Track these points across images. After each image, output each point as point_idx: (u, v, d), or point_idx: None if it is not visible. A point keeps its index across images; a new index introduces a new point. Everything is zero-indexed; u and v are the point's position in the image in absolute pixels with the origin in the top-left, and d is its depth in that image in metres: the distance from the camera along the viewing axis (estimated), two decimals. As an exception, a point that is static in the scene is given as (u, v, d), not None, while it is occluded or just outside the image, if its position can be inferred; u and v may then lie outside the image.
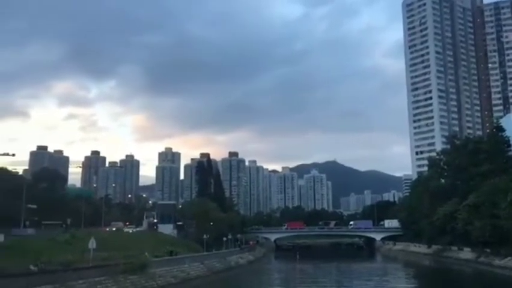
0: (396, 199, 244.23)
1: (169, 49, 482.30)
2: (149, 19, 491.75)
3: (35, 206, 79.36)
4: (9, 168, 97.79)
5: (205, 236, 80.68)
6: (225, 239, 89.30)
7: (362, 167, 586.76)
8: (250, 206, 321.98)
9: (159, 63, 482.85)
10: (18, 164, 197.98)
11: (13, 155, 72.75)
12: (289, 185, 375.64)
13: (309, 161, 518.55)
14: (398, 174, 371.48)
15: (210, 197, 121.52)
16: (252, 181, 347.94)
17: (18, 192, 71.14)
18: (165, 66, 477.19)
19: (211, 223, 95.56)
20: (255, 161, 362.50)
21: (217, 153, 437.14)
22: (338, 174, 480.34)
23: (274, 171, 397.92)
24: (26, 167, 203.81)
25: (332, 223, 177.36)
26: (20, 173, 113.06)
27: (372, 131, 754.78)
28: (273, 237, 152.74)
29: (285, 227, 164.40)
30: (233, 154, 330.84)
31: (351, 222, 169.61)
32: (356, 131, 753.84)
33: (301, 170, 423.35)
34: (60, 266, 40.00)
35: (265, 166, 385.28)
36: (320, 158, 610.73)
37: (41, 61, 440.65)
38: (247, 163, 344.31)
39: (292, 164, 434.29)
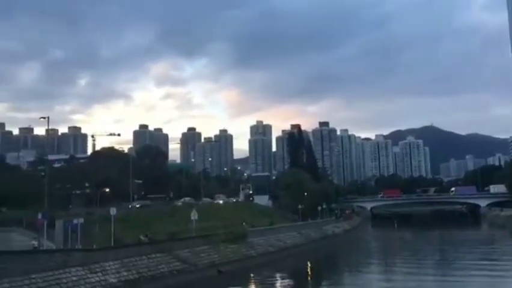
0: (502, 163, 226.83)
1: (255, 23, 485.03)
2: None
3: (140, 181, 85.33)
4: (116, 147, 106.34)
5: (299, 206, 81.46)
6: (319, 208, 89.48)
7: (462, 131, 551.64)
8: (343, 175, 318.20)
9: (247, 38, 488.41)
10: (124, 143, 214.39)
11: (118, 134, 79.77)
12: (384, 153, 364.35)
13: (403, 127, 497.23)
14: (503, 136, 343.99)
15: (302, 167, 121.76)
16: (345, 150, 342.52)
17: (125, 169, 76.81)
18: (253, 40, 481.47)
19: (305, 193, 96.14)
20: (346, 130, 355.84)
21: (308, 124, 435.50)
22: (435, 140, 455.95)
23: (367, 139, 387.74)
24: (131, 146, 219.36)
25: (431, 190, 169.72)
26: (126, 151, 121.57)
27: (471, 92, 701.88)
28: (368, 205, 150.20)
29: (381, 195, 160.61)
30: (324, 124, 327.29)
31: (453, 189, 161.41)
32: (453, 94, 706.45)
33: (396, 137, 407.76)
34: (166, 236, 42.97)
35: (357, 134, 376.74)
36: (416, 123, 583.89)
37: (138, 45, 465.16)
38: (338, 132, 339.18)
39: (385, 131, 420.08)
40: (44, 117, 52.15)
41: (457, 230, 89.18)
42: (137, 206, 65.86)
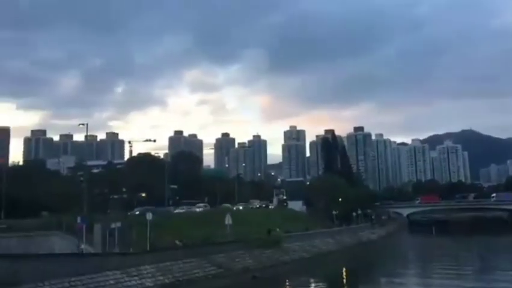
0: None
1: (288, 28, 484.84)
2: (266, 0, 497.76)
3: (175, 186, 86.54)
4: (152, 152, 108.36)
5: (334, 212, 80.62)
6: (354, 214, 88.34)
7: (502, 135, 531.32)
8: (379, 180, 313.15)
9: (279, 43, 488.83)
10: (159, 148, 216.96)
11: (154, 140, 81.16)
12: (421, 158, 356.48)
13: (441, 131, 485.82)
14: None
15: (336, 172, 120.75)
16: (380, 155, 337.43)
17: (160, 174, 78.09)
18: (285, 45, 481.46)
19: (340, 199, 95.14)
20: (381, 135, 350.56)
21: (342, 129, 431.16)
22: (475, 144, 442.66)
23: (403, 143, 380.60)
24: (166, 151, 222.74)
25: (471, 196, 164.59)
26: (161, 156, 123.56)
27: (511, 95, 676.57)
28: (405, 212, 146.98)
29: (418, 201, 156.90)
30: (358, 129, 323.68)
31: (493, 195, 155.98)
32: (492, 96, 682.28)
33: (433, 141, 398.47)
34: (201, 241, 43.30)
35: (392, 139, 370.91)
36: (454, 127, 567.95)
37: (173, 53, 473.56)
38: (373, 137, 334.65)
39: (422, 136, 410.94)
40: (83, 124, 53.82)
41: (498, 238, 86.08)
42: (137, 213, 57.51)
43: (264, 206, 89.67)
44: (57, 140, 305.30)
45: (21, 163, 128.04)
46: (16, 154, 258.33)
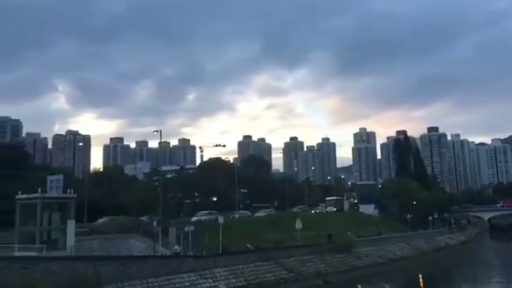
0: None
1: (356, 29, 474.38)
2: (333, 3, 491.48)
3: (245, 191, 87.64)
4: (222, 157, 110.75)
5: (408, 216, 77.91)
6: (430, 218, 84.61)
7: None
8: (456, 183, 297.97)
9: (347, 44, 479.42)
10: (229, 153, 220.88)
11: (224, 145, 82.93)
12: (502, 159, 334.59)
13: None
14: None
15: (410, 175, 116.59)
16: (457, 156, 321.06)
17: (230, 179, 79.47)
18: (354, 47, 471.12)
19: (414, 202, 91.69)
20: (458, 135, 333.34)
21: (415, 130, 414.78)
22: None
23: (482, 144, 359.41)
24: (236, 156, 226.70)
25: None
26: (231, 161, 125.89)
27: None
28: (486, 215, 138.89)
29: (500, 204, 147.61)
30: (432, 129, 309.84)
31: None
32: None
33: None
34: (271, 244, 43.51)
35: (470, 139, 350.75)
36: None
37: (241, 59, 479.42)
38: (449, 137, 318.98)
39: (503, 135, 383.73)
40: (157, 131, 56.00)
41: None
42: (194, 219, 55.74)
43: (333, 210, 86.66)
44: (133, 146, 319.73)
45: (101, 169, 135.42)
46: (96, 161, 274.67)
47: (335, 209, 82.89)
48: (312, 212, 76.39)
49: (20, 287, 22.55)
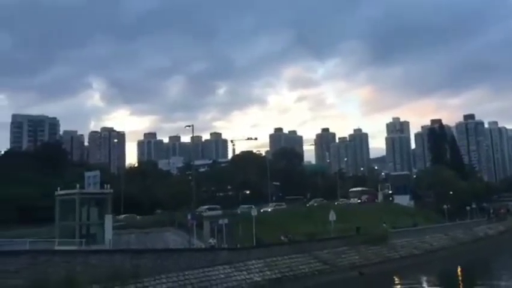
0: None
1: (388, 18, 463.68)
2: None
3: (277, 183, 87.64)
4: (254, 150, 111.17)
5: (445, 206, 76.39)
6: (468, 208, 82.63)
7: None
8: (494, 171, 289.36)
9: (379, 33, 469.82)
10: (261, 146, 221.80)
11: (255, 138, 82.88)
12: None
13: None
14: None
15: (446, 164, 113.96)
16: (494, 144, 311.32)
17: (262, 172, 79.64)
18: (386, 35, 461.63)
19: (451, 192, 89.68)
20: (495, 122, 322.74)
21: (450, 118, 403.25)
22: None
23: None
24: (267, 149, 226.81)
25: None
26: (263, 154, 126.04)
27: None
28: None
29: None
30: (468, 117, 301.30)
31: None
32: None
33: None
34: (305, 237, 43.45)
35: (508, 127, 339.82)
36: None
37: (271, 52, 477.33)
38: (486, 125, 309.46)
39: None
40: (189, 126, 56.82)
41: None
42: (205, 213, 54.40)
43: (365, 200, 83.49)
44: (166, 141, 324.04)
45: (136, 165, 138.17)
46: (131, 156, 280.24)
47: (358, 201, 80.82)
48: (335, 203, 73.20)
49: (61, 280, 23.27)
